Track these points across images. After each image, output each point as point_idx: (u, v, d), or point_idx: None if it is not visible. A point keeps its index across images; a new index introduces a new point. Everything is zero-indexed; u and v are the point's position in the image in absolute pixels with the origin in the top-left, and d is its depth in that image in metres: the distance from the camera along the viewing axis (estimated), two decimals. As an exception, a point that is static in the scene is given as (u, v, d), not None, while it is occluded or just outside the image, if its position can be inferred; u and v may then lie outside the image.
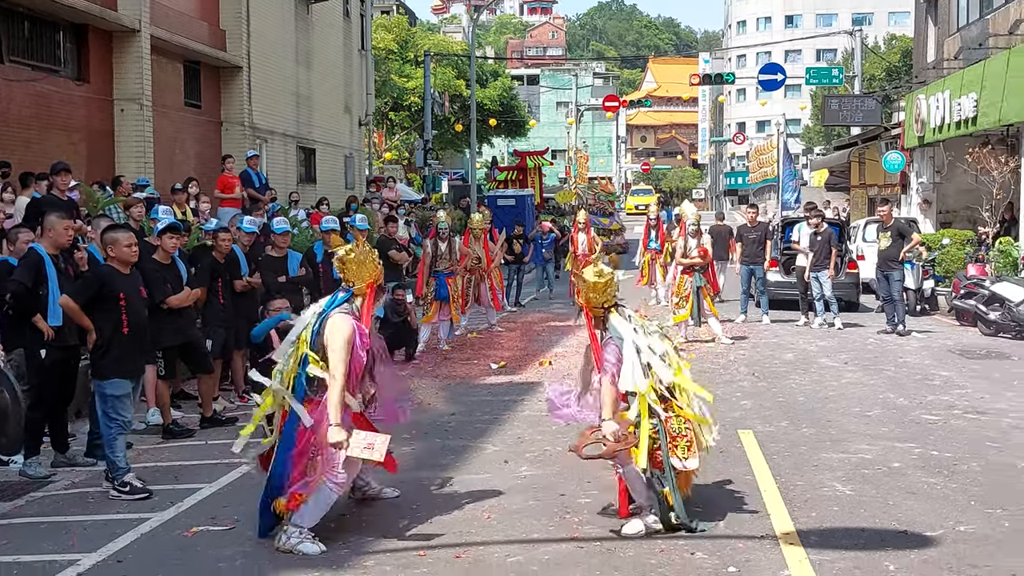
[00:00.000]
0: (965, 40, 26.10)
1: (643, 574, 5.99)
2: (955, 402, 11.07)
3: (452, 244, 15.67)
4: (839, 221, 23.48)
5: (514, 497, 7.58)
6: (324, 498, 6.55)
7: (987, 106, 20.27)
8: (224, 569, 6.16)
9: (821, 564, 6.07)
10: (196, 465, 8.74)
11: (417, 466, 8.61)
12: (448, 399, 11.63)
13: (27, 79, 16.58)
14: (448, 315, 15.64)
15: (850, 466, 8.37)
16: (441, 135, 46.94)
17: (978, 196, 21.45)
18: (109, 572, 6.17)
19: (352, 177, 31.56)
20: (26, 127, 16.52)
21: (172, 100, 21.14)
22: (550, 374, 13.15)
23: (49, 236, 8.71)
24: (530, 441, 9.45)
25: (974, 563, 6.09)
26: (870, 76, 47.96)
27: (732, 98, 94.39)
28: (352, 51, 32.09)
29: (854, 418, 10.31)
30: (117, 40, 18.83)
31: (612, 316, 6.95)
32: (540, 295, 23.77)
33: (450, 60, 48.29)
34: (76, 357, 8.98)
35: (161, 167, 19.50)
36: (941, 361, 13.94)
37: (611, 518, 7.03)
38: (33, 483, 8.28)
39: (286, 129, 26.06)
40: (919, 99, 24.67)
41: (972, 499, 7.41)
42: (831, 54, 76.04)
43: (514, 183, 39.99)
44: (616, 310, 7.00)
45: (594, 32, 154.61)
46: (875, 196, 32.84)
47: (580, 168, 67.03)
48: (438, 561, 6.25)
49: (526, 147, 50.59)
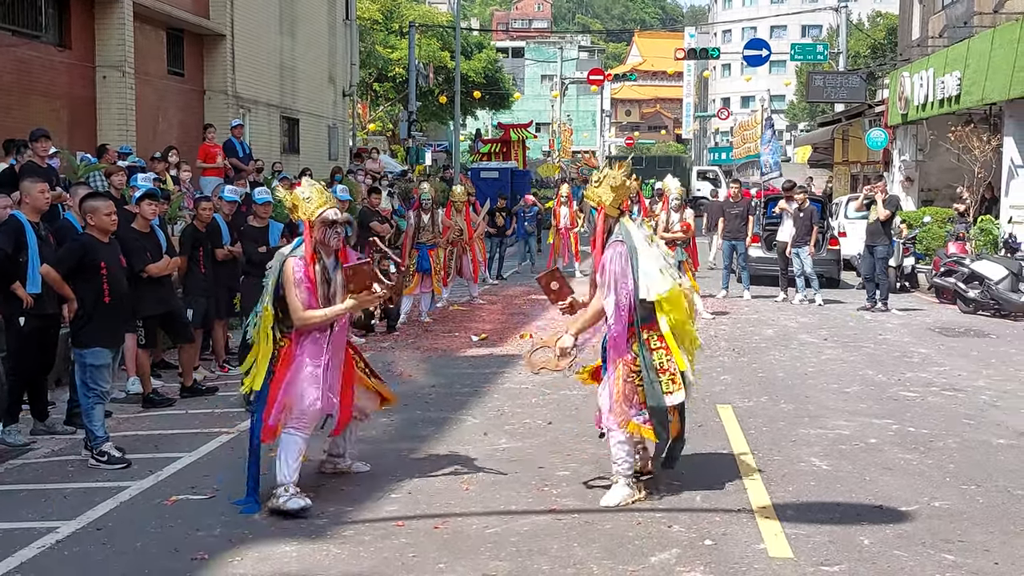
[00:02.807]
0: (950, 18, 26.15)
1: (620, 545, 6.04)
2: (933, 379, 11.17)
3: (435, 216, 15.65)
4: (821, 198, 23.56)
5: (493, 469, 7.61)
6: (293, 448, 6.67)
7: (970, 85, 20.32)
8: (203, 537, 6.18)
9: (796, 538, 6.13)
10: (176, 434, 8.74)
11: (397, 437, 8.63)
12: (428, 371, 11.64)
13: (8, 44, 16.40)
14: (430, 287, 15.63)
15: (827, 441, 8.44)
16: (425, 107, 46.76)
17: (960, 174, 21.54)
18: (88, 539, 6.17)
19: (336, 148, 31.41)
20: (6, 93, 16.35)
21: (155, 68, 20.96)
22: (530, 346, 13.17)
23: (27, 203, 8.65)
24: (510, 414, 9.49)
25: (948, 538, 6.16)
26: (855, 53, 47.99)
27: (717, 73, 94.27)
28: (336, 21, 31.86)
29: (832, 394, 10.39)
30: (99, 6, 18.63)
31: (624, 220, 6.94)
32: (522, 268, 23.79)
33: (435, 31, 48.03)
34: (56, 325, 8.95)
35: (143, 135, 19.36)
36: (920, 338, 14.03)
37: (590, 491, 7.07)
38: (12, 451, 8.26)
39: (270, 99, 25.88)
40: (903, 77, 24.71)
41: (947, 475, 7.49)
42: (816, 30, 76.10)
43: (498, 155, 39.93)
44: (627, 217, 6.99)
45: (580, 5, 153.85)
46: (858, 173, 32.95)
47: (564, 142, 66.99)
48: (417, 532, 6.28)
49: (510, 120, 50.45)
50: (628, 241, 6.82)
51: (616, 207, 6.93)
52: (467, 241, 16.98)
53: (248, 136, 21.35)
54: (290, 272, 6.71)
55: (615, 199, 6.90)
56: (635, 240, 6.83)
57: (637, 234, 6.87)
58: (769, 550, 5.95)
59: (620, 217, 6.94)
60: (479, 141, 45.78)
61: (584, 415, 9.33)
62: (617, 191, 6.89)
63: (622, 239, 6.82)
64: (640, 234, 6.89)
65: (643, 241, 6.87)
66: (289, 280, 6.70)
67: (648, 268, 6.75)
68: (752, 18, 77.89)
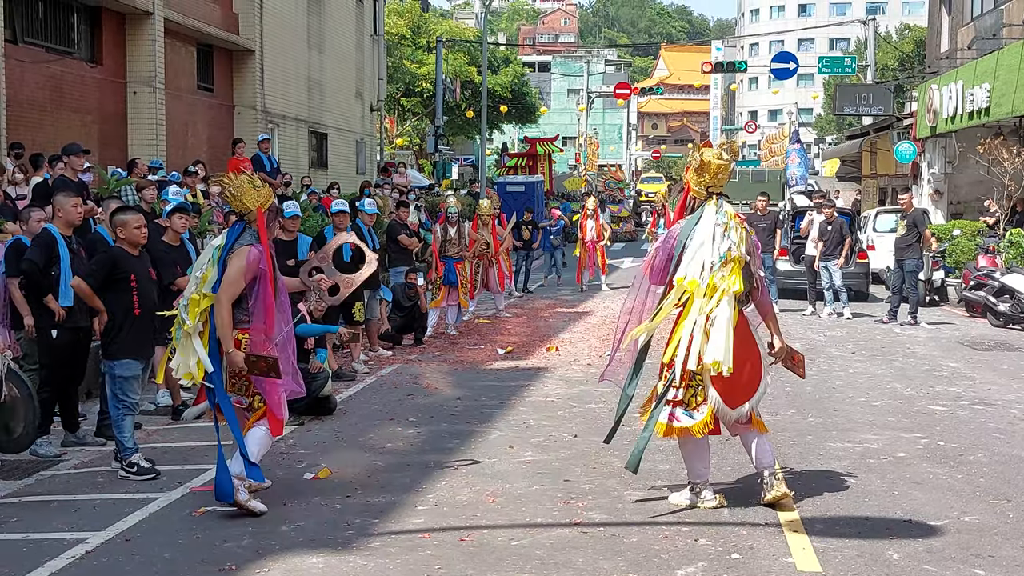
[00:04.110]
0: (979, 30, 26.00)
1: (647, 559, 6.02)
2: (962, 393, 11.07)
3: (461, 229, 15.70)
4: (850, 211, 23.44)
5: (519, 482, 7.61)
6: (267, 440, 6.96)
7: (1000, 97, 20.18)
8: (231, 548, 6.21)
9: (825, 552, 6.09)
10: (204, 446, 8.77)
11: (422, 449, 8.65)
12: (455, 384, 11.66)
13: (40, 60, 16.62)
14: (456, 300, 15.68)
15: (856, 455, 8.38)
16: (452, 121, 46.88)
17: (989, 187, 21.39)
18: (117, 550, 6.22)
19: (363, 163, 31.58)
20: (39, 108, 16.57)
21: (185, 83, 21.18)
22: (557, 360, 13.19)
23: (60, 216, 8.75)
24: (536, 426, 9.48)
25: (978, 553, 6.10)
26: (883, 66, 47.77)
27: (744, 86, 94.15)
28: (364, 36, 32.08)
29: (861, 408, 10.32)
30: (130, 22, 18.86)
31: (707, 204, 6.92)
32: (548, 282, 23.78)
33: (462, 46, 48.19)
34: (87, 338, 9.03)
35: (173, 150, 19.56)
36: (949, 352, 13.93)
37: (616, 503, 7.06)
38: (43, 462, 8.34)
39: (298, 114, 26.07)
40: (932, 89, 24.57)
41: (977, 490, 7.42)
42: (844, 43, 75.82)
43: (524, 169, 40.02)
44: (715, 200, 6.92)
45: (606, 19, 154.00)
46: (886, 186, 32.76)
47: (590, 155, 66.96)
48: (443, 544, 6.29)
49: (537, 134, 50.53)
50: (686, 227, 6.86)
51: (702, 189, 6.92)
52: (493, 254, 17.02)
53: (276, 151, 21.53)
54: (242, 257, 6.72)
55: (698, 180, 6.93)
56: (701, 223, 6.82)
57: (708, 219, 6.82)
58: (797, 564, 5.91)
59: (708, 200, 6.91)
60: (505, 155, 45.87)
61: (609, 428, 9.30)
62: (699, 172, 6.90)
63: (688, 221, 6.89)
64: (711, 221, 6.81)
65: (708, 225, 6.80)
66: (237, 263, 6.72)
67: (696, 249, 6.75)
68: (779, 31, 77.69)
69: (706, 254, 6.73)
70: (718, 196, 6.93)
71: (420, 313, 14.63)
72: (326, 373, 9.96)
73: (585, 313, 18.20)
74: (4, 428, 7.96)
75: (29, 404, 7.86)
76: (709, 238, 6.77)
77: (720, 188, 6.95)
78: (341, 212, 12.35)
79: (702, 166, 6.89)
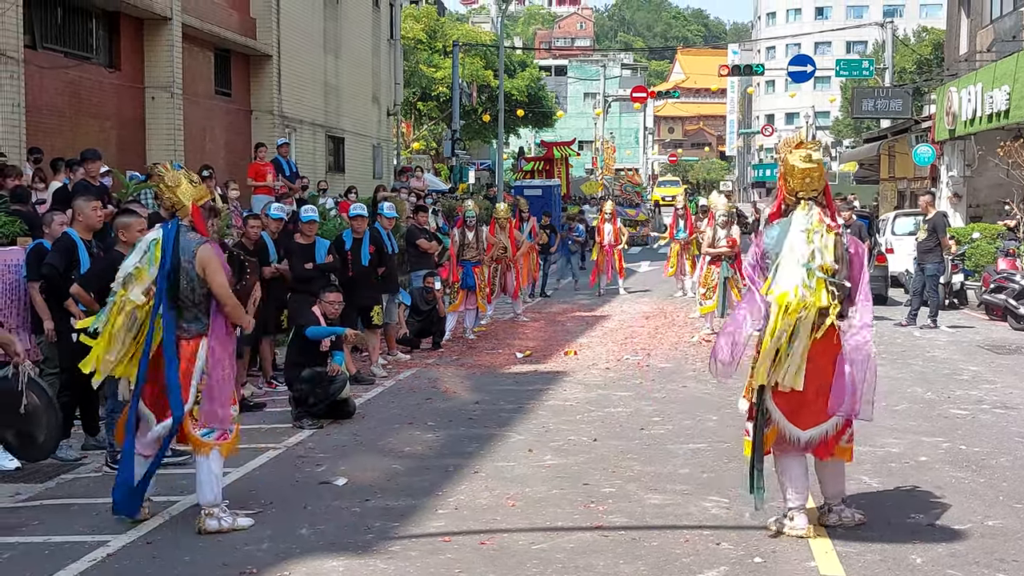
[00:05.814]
0: (998, 32, 25.83)
1: (668, 563, 6.00)
2: (983, 397, 11.00)
3: (479, 233, 15.69)
4: (868, 214, 23.35)
5: (538, 486, 7.60)
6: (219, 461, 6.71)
7: (1020, 99, 20.05)
8: (251, 552, 6.22)
9: (848, 556, 6.05)
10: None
11: (442, 453, 8.64)
12: (473, 388, 11.66)
13: (59, 66, 16.68)
14: (474, 304, 15.67)
15: (877, 459, 8.33)
16: (469, 125, 46.91)
17: (1009, 190, 21.25)
18: (138, 554, 6.23)
19: (380, 167, 31.63)
20: (58, 114, 16.64)
21: (202, 88, 21.24)
22: (575, 363, 13.18)
23: (80, 220, 8.77)
24: (555, 430, 9.46)
25: (1002, 557, 6.06)
26: (901, 68, 47.56)
27: (761, 90, 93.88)
28: (381, 41, 32.13)
29: (881, 412, 10.23)
30: (148, 28, 18.93)
31: (798, 209, 6.48)
32: (564, 286, 23.76)
33: (478, 50, 48.21)
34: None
35: (191, 155, 19.59)
36: (970, 355, 13.84)
37: (636, 507, 7.04)
38: (64, 465, 8.37)
39: (315, 118, 26.12)
40: (951, 92, 24.45)
41: (1000, 494, 7.36)
42: (862, 46, 75.47)
43: (541, 173, 40.02)
44: (806, 205, 6.45)
45: (622, 23, 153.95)
46: (904, 189, 32.62)
47: (607, 159, 66.82)
48: (463, 547, 6.28)
49: (553, 138, 50.52)
50: (768, 233, 6.60)
51: (792, 193, 6.52)
52: (511, 258, 17.01)
53: (294, 155, 21.56)
54: (213, 255, 6.59)
55: (786, 184, 6.55)
56: (790, 229, 6.42)
57: (799, 223, 6.39)
58: (820, 568, 5.88)
59: (799, 203, 6.48)
60: (522, 159, 45.88)
61: (628, 432, 9.31)
62: (786, 177, 6.53)
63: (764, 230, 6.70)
64: (802, 226, 6.39)
65: (798, 231, 6.39)
66: (215, 263, 6.57)
67: (781, 266, 6.40)
68: (796, 34, 77.57)
69: (793, 264, 6.37)
70: (807, 200, 6.48)
71: (438, 317, 14.63)
72: (344, 376, 9.97)
73: (603, 317, 18.17)
74: (28, 436, 7.97)
75: (51, 411, 7.88)
76: (798, 244, 6.38)
77: (811, 193, 6.48)
78: (359, 216, 12.38)
79: (787, 171, 6.50)
